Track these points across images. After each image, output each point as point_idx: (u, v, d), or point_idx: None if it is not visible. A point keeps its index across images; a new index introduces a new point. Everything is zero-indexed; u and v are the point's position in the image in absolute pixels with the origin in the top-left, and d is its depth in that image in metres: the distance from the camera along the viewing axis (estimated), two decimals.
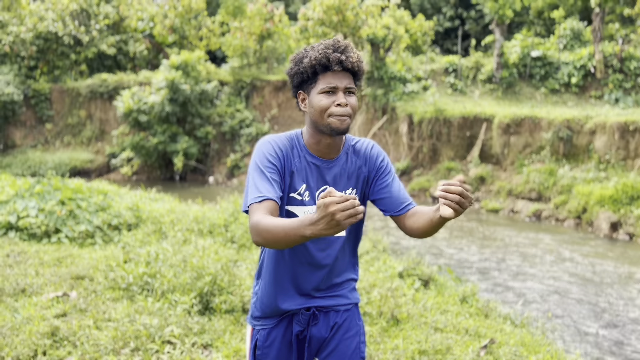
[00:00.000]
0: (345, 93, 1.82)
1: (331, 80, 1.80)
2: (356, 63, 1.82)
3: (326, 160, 1.91)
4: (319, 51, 1.81)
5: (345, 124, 1.81)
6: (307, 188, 1.89)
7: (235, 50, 20.84)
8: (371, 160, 1.96)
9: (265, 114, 20.13)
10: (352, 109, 1.82)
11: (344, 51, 1.82)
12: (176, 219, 7.29)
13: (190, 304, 4.01)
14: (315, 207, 1.79)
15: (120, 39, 23.28)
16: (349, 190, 1.94)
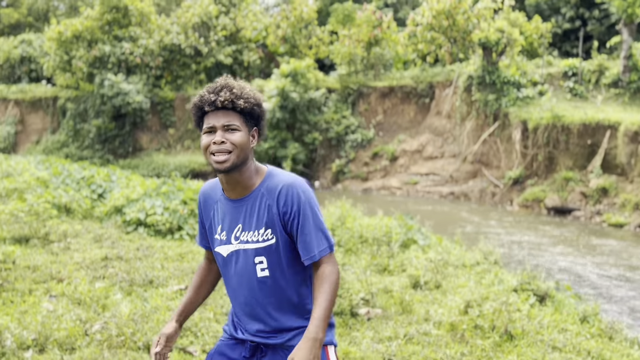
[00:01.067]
0: (225, 130, 1.83)
1: (209, 120, 1.85)
2: (229, 101, 1.82)
3: (235, 200, 1.91)
4: (198, 95, 1.90)
5: (224, 163, 1.80)
6: (224, 228, 1.94)
7: (343, 57, 21.17)
8: (278, 203, 1.86)
9: (371, 120, 20.21)
10: (234, 144, 1.81)
11: (218, 92, 1.84)
12: None
13: None
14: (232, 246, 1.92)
15: (235, 49, 24.61)
16: (262, 230, 1.87)
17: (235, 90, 1.84)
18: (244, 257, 1.88)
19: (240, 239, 1.89)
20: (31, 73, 27.07)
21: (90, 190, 8.72)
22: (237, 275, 1.91)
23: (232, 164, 1.81)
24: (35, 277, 5.26)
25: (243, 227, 1.89)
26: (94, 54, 21.87)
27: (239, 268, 1.90)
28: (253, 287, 1.89)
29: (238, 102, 1.83)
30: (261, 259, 1.87)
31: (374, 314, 4.32)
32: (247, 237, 1.88)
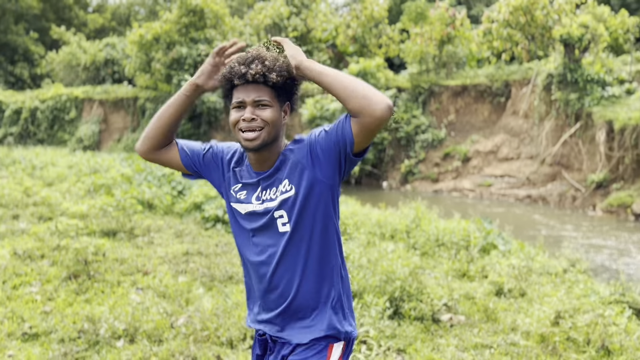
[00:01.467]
0: (256, 106, 1.73)
1: (238, 95, 1.75)
2: (260, 74, 1.71)
3: (261, 172, 1.84)
4: (227, 66, 1.79)
5: (254, 141, 1.72)
6: (242, 188, 1.87)
7: (415, 56, 20.83)
8: (303, 154, 1.76)
9: (442, 120, 19.76)
10: (265, 121, 1.71)
11: (249, 63, 1.73)
12: (359, 221, 7.50)
13: (384, 307, 4.08)
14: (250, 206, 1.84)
15: (306, 50, 24.84)
16: (280, 185, 1.79)
17: (268, 62, 1.72)
18: (264, 214, 1.79)
19: (261, 199, 1.81)
20: (114, 74, 28.60)
21: (171, 187, 9.05)
22: (256, 233, 1.81)
23: (262, 142, 1.72)
24: (122, 270, 5.51)
25: (263, 187, 1.82)
26: (171, 56, 22.77)
27: (259, 226, 1.80)
28: (273, 244, 1.78)
29: (270, 75, 1.71)
30: (281, 213, 1.77)
31: (457, 321, 4.18)
32: (268, 196, 1.80)
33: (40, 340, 3.89)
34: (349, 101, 1.61)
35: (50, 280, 5.06)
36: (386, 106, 1.58)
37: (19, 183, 10.22)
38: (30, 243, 6.16)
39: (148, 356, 3.63)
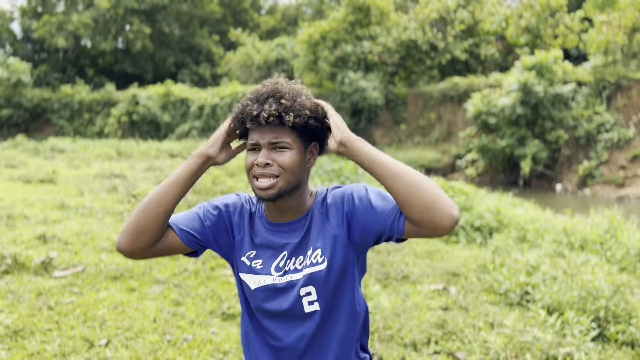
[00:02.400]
0: (272, 149, 1.43)
1: (253, 136, 1.46)
2: (274, 117, 1.40)
3: (282, 224, 1.51)
4: (240, 105, 1.48)
5: (270, 189, 1.41)
6: (258, 255, 1.51)
7: (599, 46, 18.75)
8: (337, 205, 1.48)
9: (631, 117, 17.52)
10: (282, 167, 1.42)
11: (263, 102, 1.43)
12: (542, 228, 6.92)
13: (588, 327, 3.67)
14: (269, 278, 1.49)
15: (472, 43, 23.82)
16: (309, 252, 1.47)
17: (285, 100, 1.44)
18: (285, 290, 1.49)
19: (284, 270, 1.50)
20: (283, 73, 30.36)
21: (340, 181, 9.26)
22: (271, 316, 1.52)
23: (278, 191, 1.43)
24: None
25: (289, 254, 1.50)
26: (336, 54, 23.43)
27: (278, 305, 1.50)
28: (297, 326, 1.50)
29: (287, 117, 1.42)
30: (309, 290, 1.48)
31: None
32: (293, 266, 1.50)
33: (237, 320, 4.18)
34: (409, 207, 1.32)
35: None
36: (452, 221, 1.30)
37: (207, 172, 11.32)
38: None
39: None
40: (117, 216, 7.35)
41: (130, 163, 14.29)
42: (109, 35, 36.61)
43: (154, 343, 3.67)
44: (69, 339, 3.61)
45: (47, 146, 18.60)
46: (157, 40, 38.40)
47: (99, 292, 4.48)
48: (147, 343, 3.65)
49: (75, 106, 31.91)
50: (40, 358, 3.34)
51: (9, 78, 30.27)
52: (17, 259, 4.81)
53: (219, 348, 3.70)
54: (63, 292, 4.39)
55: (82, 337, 3.65)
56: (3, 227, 6.42)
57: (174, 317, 4.13)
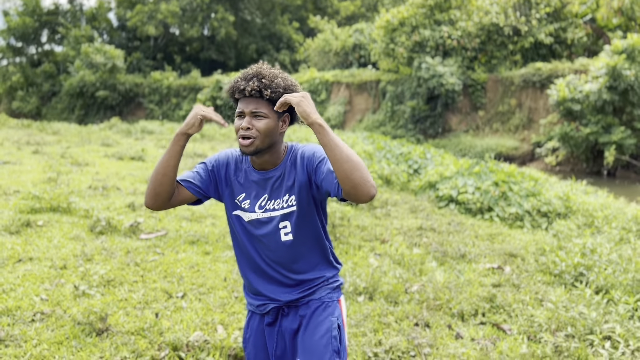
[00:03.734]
0: (253, 117, 1.91)
1: (240, 105, 1.94)
2: (255, 90, 1.88)
3: (263, 172, 2.02)
4: (232, 80, 1.97)
5: (249, 147, 1.91)
6: (248, 197, 2.02)
7: None
8: (309, 161, 1.97)
9: None
10: (259, 131, 1.90)
11: (250, 79, 1.91)
12: (611, 215, 6.77)
13: (635, 306, 3.71)
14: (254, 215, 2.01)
15: (558, 27, 22.74)
16: (286, 197, 1.99)
17: (265, 80, 1.90)
18: (267, 223, 2.00)
19: (265, 208, 2.00)
20: (360, 59, 30.48)
21: (407, 165, 9.43)
22: (259, 239, 2.02)
23: (255, 148, 1.92)
24: (363, 236, 6.05)
25: (269, 196, 2.00)
26: (414, 39, 23.23)
27: (262, 233, 2.01)
28: (277, 250, 2.01)
29: (265, 92, 1.89)
30: (285, 224, 1.99)
31: None
32: (272, 206, 1.99)
33: None
34: (343, 184, 1.74)
35: None
36: (369, 197, 1.74)
37: None
38: None
39: (385, 313, 3.98)
40: None
41: (211, 144, 15.18)
42: (196, 23, 38.36)
43: (223, 298, 4.14)
44: (151, 290, 4.16)
45: (138, 128, 20.06)
46: (240, 27, 39.75)
47: (178, 253, 5.04)
48: (217, 298, 4.13)
49: (163, 91, 33.90)
50: (127, 304, 3.90)
51: (105, 63, 32.70)
52: (110, 223, 5.49)
53: None
54: (148, 251, 4.99)
55: (162, 289, 4.19)
56: (99, 196, 7.24)
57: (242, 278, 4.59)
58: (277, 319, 2.10)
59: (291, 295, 2.05)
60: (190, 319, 3.73)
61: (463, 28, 22.93)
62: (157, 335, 3.46)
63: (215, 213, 6.70)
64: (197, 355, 3.26)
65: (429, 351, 3.45)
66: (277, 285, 2.06)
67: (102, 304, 3.79)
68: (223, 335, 3.49)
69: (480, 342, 3.61)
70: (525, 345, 3.50)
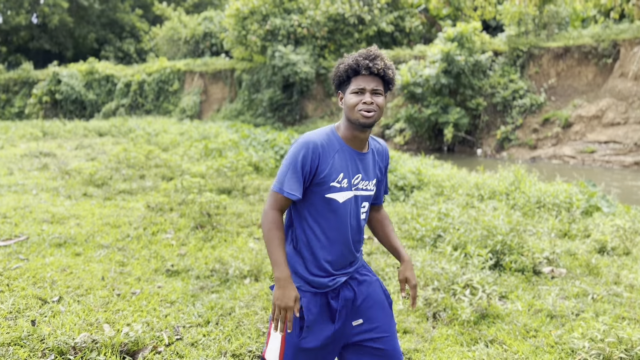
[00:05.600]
0: (372, 94, 2.09)
1: (360, 83, 2.09)
2: (382, 69, 2.08)
3: (359, 152, 2.19)
4: (353, 59, 2.11)
5: (370, 119, 2.08)
6: (345, 176, 2.13)
7: (513, 17, 19.96)
8: (385, 158, 2.31)
9: (542, 84, 18.91)
10: (378, 107, 2.09)
11: (373, 59, 2.08)
12: (457, 184, 7.65)
13: (487, 258, 4.32)
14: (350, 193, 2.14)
15: (397, 16, 24.54)
16: (373, 181, 2.23)
17: (386, 60, 2.11)
18: (355, 202, 2.17)
19: (357, 187, 2.16)
20: (212, 47, 29.94)
21: (274, 152, 9.64)
22: (347, 218, 2.15)
23: (374, 121, 2.11)
24: (240, 222, 6.13)
25: (362, 176, 2.18)
26: (266, 28, 23.46)
27: (350, 211, 2.15)
28: (354, 229, 2.19)
29: (388, 71, 2.11)
30: (365, 204, 2.21)
31: (558, 273, 4.33)
32: (363, 186, 2.18)
33: (180, 276, 4.55)
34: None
35: (181, 229, 5.77)
36: None
37: (140, 148, 11.35)
38: (159, 198, 6.98)
39: None
40: (53, 192, 7.40)
41: (58, 142, 13.97)
42: (22, 10, 34.52)
43: (104, 297, 3.97)
44: (21, 298, 3.84)
45: None
46: (76, 15, 36.60)
47: (45, 257, 4.68)
48: (97, 297, 3.95)
49: None
50: None
51: None
52: None
53: (166, 299, 4.06)
54: (9, 259, 4.57)
55: (35, 296, 3.89)
56: None
57: (121, 275, 4.43)
58: (339, 292, 2.20)
59: (352, 267, 2.23)
60: (73, 322, 3.54)
61: (312, 17, 23.70)
62: (38, 343, 3.24)
63: (78, 213, 6.29)
64: (87, 356, 3.13)
65: None
66: (347, 260, 2.20)
67: None
68: (111, 333, 3.38)
69: None
70: (401, 302, 3.91)
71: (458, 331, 3.48)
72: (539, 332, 3.41)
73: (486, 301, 3.67)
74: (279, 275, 2.07)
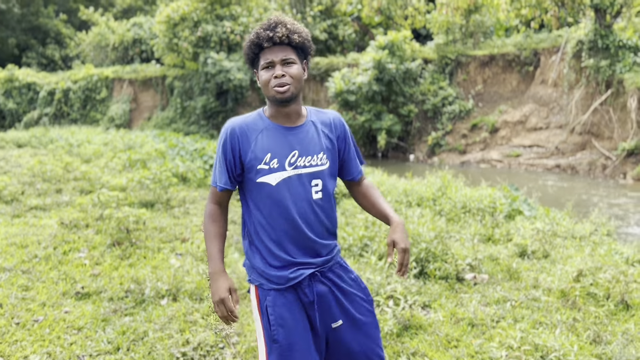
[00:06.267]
0: (283, 65, 1.95)
1: (267, 56, 1.95)
2: (285, 36, 1.93)
3: (290, 127, 2.02)
4: (254, 32, 1.99)
5: (285, 93, 1.94)
6: (275, 155, 1.97)
7: (441, 26, 20.56)
8: (338, 128, 2.11)
9: (470, 91, 19.57)
10: (293, 77, 1.95)
11: (273, 28, 1.94)
12: (386, 190, 7.67)
13: (411, 266, 4.28)
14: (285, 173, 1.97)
15: (331, 24, 24.72)
16: (320, 154, 2.03)
17: (289, 25, 1.95)
18: (298, 182, 1.97)
19: (295, 165, 1.98)
20: (142, 54, 29.00)
21: (203, 161, 9.34)
22: (287, 201, 1.96)
23: (291, 94, 1.95)
24: (162, 237, 5.83)
25: (299, 153, 1.99)
26: (198, 35, 22.97)
27: (293, 194, 1.97)
28: (306, 211, 1.99)
29: (293, 36, 1.94)
30: (317, 182, 2.00)
31: (480, 280, 4.36)
32: (303, 162, 1.99)
33: (92, 298, 4.22)
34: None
35: (96, 246, 5.41)
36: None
37: (59, 160, 10.69)
38: (75, 214, 6.54)
39: (191, 312, 3.92)
40: None
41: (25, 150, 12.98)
42: None
43: (0, 327, 3.61)
44: None
45: None
46: None
47: None
48: None
49: None
50: None
51: None
52: None
53: (73, 325, 3.75)
54: None
55: None
56: None
57: (23, 301, 4.06)
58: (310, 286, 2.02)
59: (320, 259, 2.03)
60: None
61: (245, 24, 23.44)
62: None
63: None
64: None
65: (237, 340, 3.51)
66: (310, 248, 2.01)
67: None
68: None
69: None
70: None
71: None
72: (460, 342, 3.38)
73: (409, 312, 3.61)
74: (211, 270, 1.99)
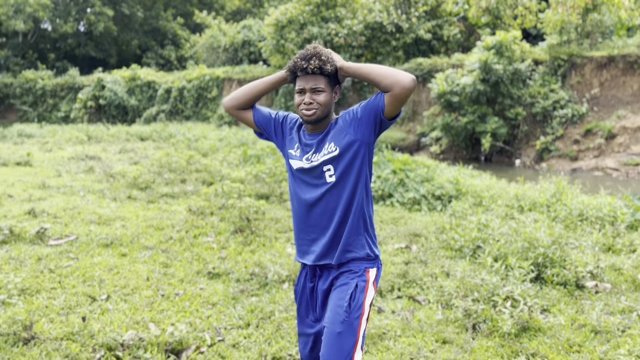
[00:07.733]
0: (312, 93, 2.23)
1: (300, 83, 2.26)
2: (317, 68, 2.20)
3: (313, 135, 2.35)
4: (292, 61, 2.29)
5: (311, 117, 2.25)
6: (299, 148, 2.36)
7: (555, 26, 19.59)
8: (350, 116, 2.28)
9: (584, 94, 18.47)
10: (320, 104, 2.23)
11: (309, 59, 2.21)
12: (496, 194, 7.56)
13: (528, 270, 4.27)
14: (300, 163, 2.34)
15: (435, 24, 24.43)
16: (327, 145, 2.27)
17: (323, 57, 2.23)
18: (313, 169, 2.31)
19: (311, 160, 2.31)
20: (250, 55, 30.41)
21: None
22: (299, 188, 2.35)
23: (316, 118, 2.26)
24: (277, 227, 6.22)
25: (314, 151, 2.31)
26: (303, 37, 23.69)
27: (308, 178, 2.32)
28: (321, 194, 2.28)
29: (325, 67, 2.22)
30: (328, 167, 2.26)
31: (602, 288, 4.25)
32: (317, 158, 2.29)
33: (221, 278, 4.65)
34: (383, 81, 2.13)
35: (221, 232, 5.90)
36: (411, 79, 2.12)
37: (181, 153, 11.64)
38: (200, 202, 7.15)
39: None
40: (99, 194, 7.67)
41: (102, 146, 14.44)
42: (70, 18, 35.83)
43: (149, 297, 4.11)
44: (72, 295, 4.02)
45: (14, 131, 18.44)
46: (120, 23, 37.78)
47: (94, 257, 4.87)
48: (142, 297, 4.09)
49: (38, 92, 31.34)
50: (50, 310, 3.74)
51: None
52: (13, 230, 5.14)
53: (208, 300, 4.17)
54: (60, 257, 4.77)
55: (84, 294, 4.06)
56: None
57: (165, 276, 4.57)
58: (314, 276, 2.37)
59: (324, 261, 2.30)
60: (120, 320, 3.68)
61: (349, 26, 23.82)
62: (89, 338, 3.38)
63: (123, 215, 6.50)
64: (134, 353, 3.25)
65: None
66: (314, 241, 2.33)
67: (24, 312, 3.61)
68: (157, 332, 3.49)
69: (400, 314, 3.96)
70: (440, 312, 3.90)
71: (498, 343, 3.45)
72: (582, 347, 3.36)
73: (527, 314, 3.63)
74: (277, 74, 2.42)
